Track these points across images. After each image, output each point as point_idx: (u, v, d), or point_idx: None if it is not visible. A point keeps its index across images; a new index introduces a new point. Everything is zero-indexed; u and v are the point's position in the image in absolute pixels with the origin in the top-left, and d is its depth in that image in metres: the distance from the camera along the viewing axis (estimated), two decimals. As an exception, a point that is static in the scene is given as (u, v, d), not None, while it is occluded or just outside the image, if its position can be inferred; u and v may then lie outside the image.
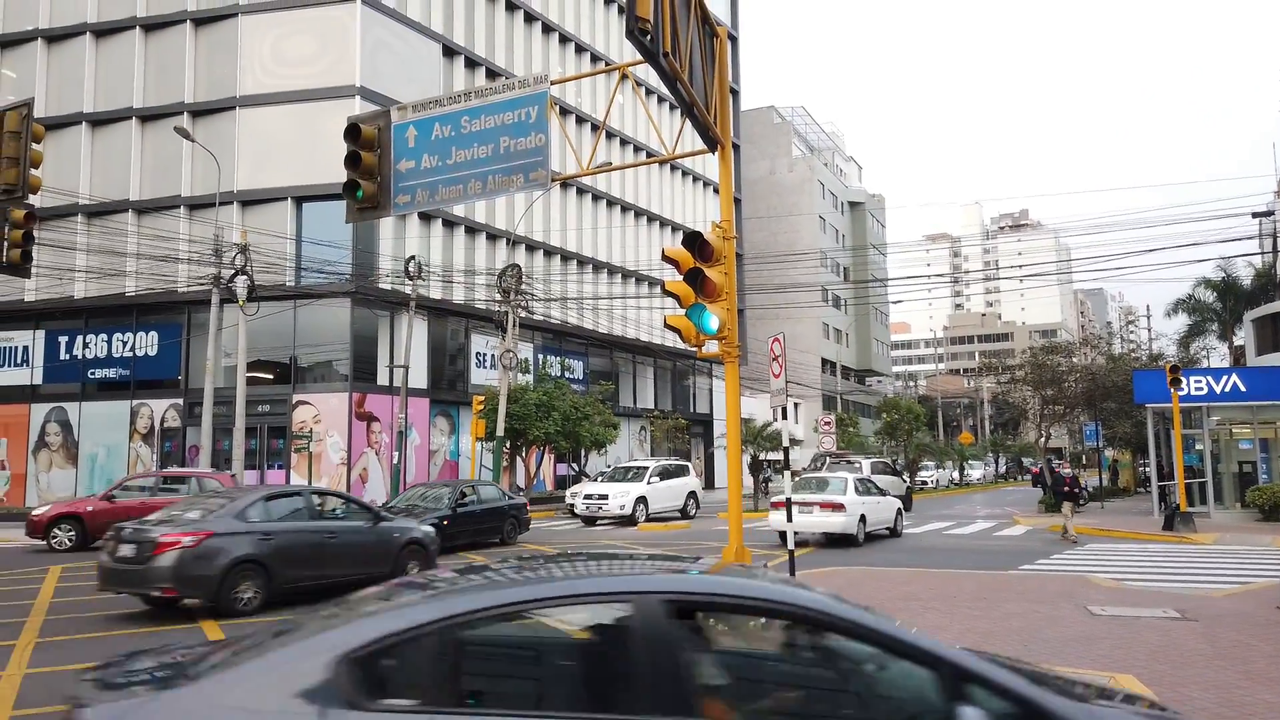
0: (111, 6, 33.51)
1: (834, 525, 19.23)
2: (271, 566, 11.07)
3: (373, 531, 12.79)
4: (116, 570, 10.76)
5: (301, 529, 11.79)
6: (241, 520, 11.07)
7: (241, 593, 10.81)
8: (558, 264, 40.08)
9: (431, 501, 18.76)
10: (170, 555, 10.42)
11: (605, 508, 24.79)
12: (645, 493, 25.17)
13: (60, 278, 31.21)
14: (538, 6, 40.04)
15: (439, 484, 21.35)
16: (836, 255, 74.60)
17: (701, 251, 9.51)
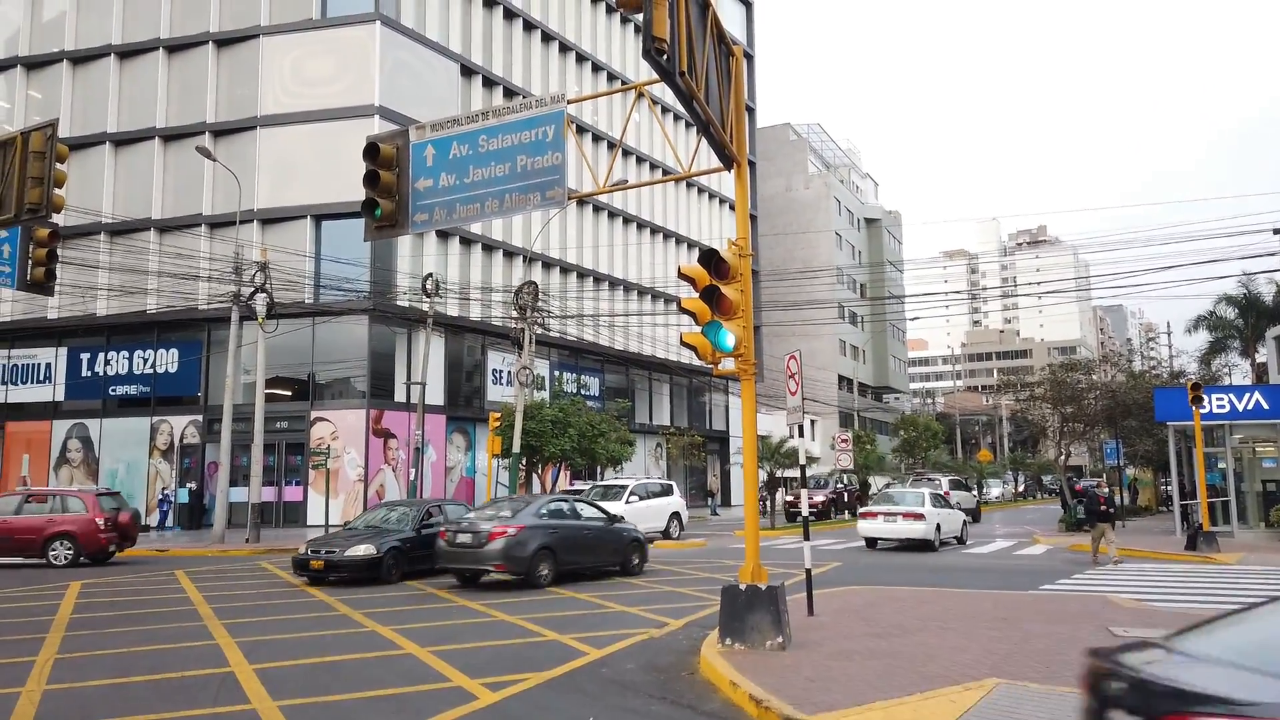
0: (136, 28, 34.05)
1: (915, 532, 22.64)
2: (558, 552, 15.34)
3: (610, 530, 16.80)
4: (456, 551, 15.13)
5: (572, 526, 16.10)
6: (538, 518, 15.40)
7: (541, 570, 14.96)
8: (574, 281, 40.20)
9: (394, 523, 17.16)
10: (499, 541, 14.70)
11: None
12: (625, 512, 22.83)
13: (83, 295, 31.58)
14: (555, 26, 40.38)
15: (403, 503, 19.59)
16: (853, 272, 74.46)
17: (718, 269, 9.50)
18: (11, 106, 35.15)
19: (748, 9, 58.32)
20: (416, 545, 16.31)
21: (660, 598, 13.82)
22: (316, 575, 15.64)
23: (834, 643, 9.59)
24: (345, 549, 15.58)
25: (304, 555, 15.83)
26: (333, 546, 15.77)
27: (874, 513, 23.41)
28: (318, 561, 15.56)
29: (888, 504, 23.57)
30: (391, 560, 15.82)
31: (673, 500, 26.54)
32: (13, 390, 34.09)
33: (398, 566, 15.96)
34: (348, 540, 15.97)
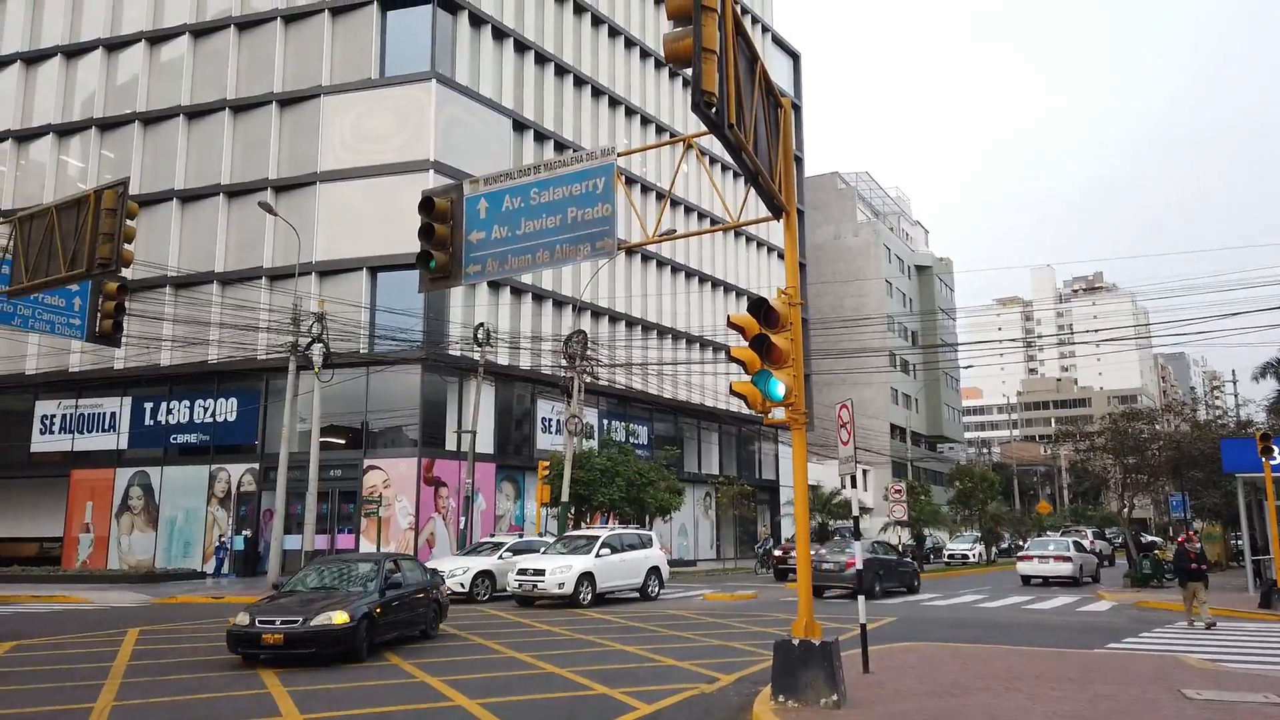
0: (204, 90, 35.48)
1: (1063, 570, 29.57)
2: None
3: None
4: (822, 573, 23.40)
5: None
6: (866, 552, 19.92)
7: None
8: (623, 330, 40.41)
9: (351, 582, 13.64)
10: (853, 569, 18.21)
11: (541, 585, 20.67)
12: (592, 567, 21.28)
13: (148, 347, 32.55)
14: (604, 81, 41.17)
15: (357, 557, 16.18)
16: (904, 320, 73.76)
17: (767, 318, 9.49)
18: (86, 165, 36.72)
19: (794, 60, 58.92)
20: (385, 611, 13.26)
21: (711, 651, 13.59)
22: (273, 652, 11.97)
23: (890, 702, 9.31)
24: (309, 617, 11.99)
25: (248, 628, 11.93)
26: (291, 615, 12.06)
27: (1031, 555, 30.49)
28: (274, 635, 11.77)
29: (1041, 549, 30.78)
30: (364, 631, 12.53)
31: (651, 554, 23.70)
32: (79, 439, 35.09)
33: (369, 638, 12.75)
34: (307, 606, 12.36)
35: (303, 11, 34.35)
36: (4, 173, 37.90)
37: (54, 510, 34.86)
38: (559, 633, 15.77)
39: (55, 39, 37.94)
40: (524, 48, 36.70)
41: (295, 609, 12.25)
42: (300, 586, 13.63)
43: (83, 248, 11.78)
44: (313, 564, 14.84)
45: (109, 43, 37.12)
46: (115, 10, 37.39)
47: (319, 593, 13.25)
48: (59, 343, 32.69)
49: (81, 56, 37.68)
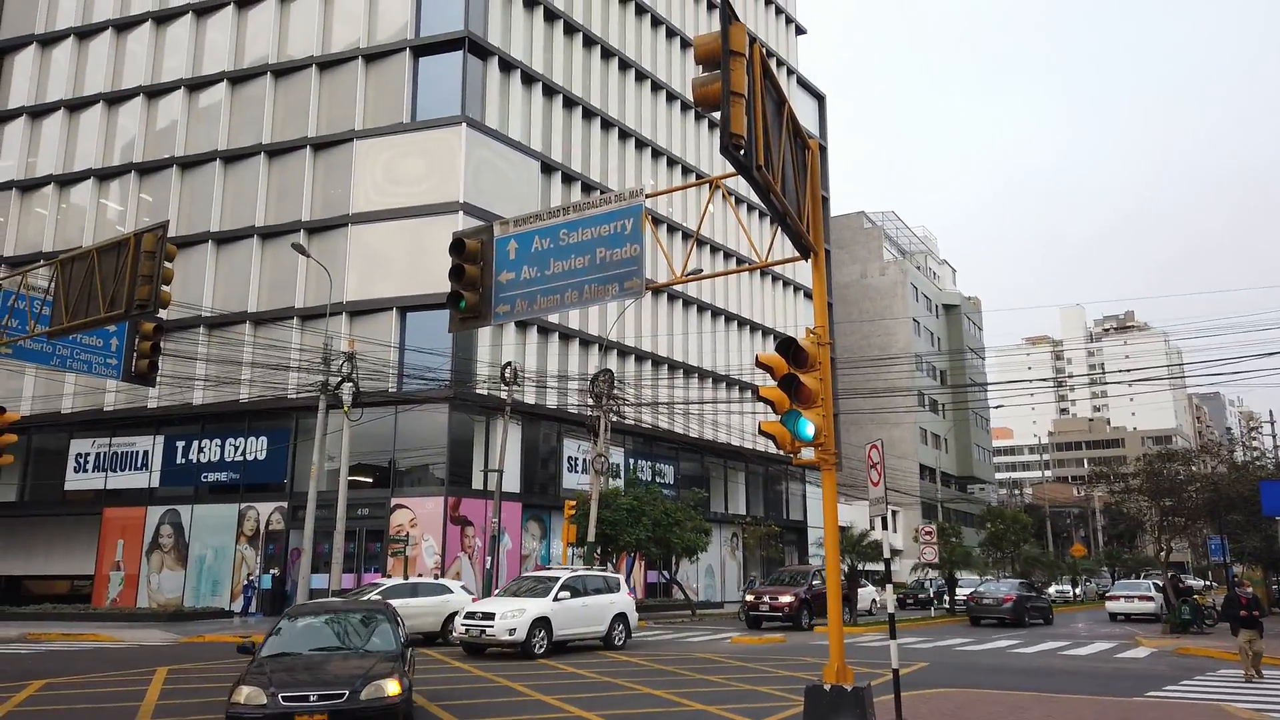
0: (240, 135, 36.31)
1: (1146, 608, 34.59)
2: None
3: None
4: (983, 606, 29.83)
5: None
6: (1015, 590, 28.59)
7: None
8: (649, 369, 40.45)
9: (354, 634, 10.78)
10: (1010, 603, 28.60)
11: (490, 631, 18.33)
12: (548, 612, 18.98)
13: (181, 386, 33.00)
14: (631, 123, 41.67)
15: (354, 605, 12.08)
16: (932, 359, 73.25)
17: (796, 357, 9.47)
18: (124, 209, 37.58)
19: (820, 102, 59.38)
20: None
21: (739, 696, 13.39)
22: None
23: (925, 749, 9.10)
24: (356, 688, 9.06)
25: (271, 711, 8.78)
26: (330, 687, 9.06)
27: (1117, 595, 36.55)
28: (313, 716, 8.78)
29: (1129, 590, 36.72)
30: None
31: (617, 599, 21.20)
32: (112, 477, 35.49)
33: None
34: (338, 673, 9.41)
35: (337, 59, 35.17)
36: (46, 216, 38.86)
37: (86, 548, 35.19)
38: (591, 678, 15.60)
39: (98, 87, 39.06)
40: (552, 91, 37.29)
41: (329, 677, 9.25)
42: (293, 647, 10.34)
43: (122, 289, 12.03)
44: (298, 608, 11.69)
45: (149, 90, 38.15)
46: (156, 59, 38.48)
47: (326, 654, 10.18)
48: (94, 382, 33.24)
49: (123, 103, 38.73)
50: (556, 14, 37.80)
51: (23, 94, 40.47)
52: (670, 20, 45.28)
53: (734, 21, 7.76)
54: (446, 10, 33.89)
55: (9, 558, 36.69)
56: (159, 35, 38.70)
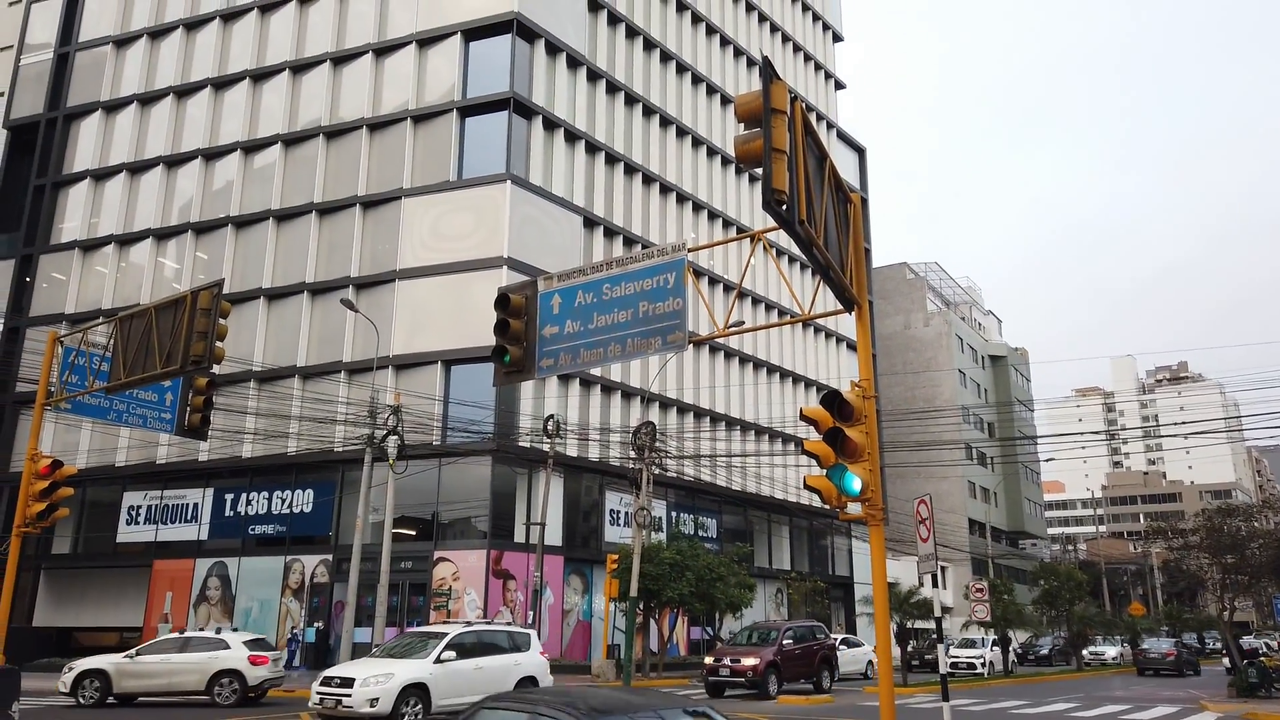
0: (293, 194, 37.37)
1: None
2: None
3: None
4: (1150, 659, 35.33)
5: None
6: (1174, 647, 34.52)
7: None
8: (691, 421, 40.31)
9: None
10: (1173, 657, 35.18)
11: (348, 703, 15.26)
12: (424, 677, 15.88)
13: (231, 439, 33.58)
14: (672, 178, 42.18)
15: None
16: (980, 411, 72.10)
17: (841, 411, 9.40)
18: (180, 266, 38.73)
19: (860, 155, 59.65)
20: None
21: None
22: None
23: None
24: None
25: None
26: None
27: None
28: None
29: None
30: None
31: (525, 660, 17.81)
32: (163, 529, 36.04)
33: None
34: None
35: (387, 120, 36.21)
36: (106, 274, 40.15)
37: (135, 600, 35.63)
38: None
39: (159, 150, 40.57)
40: (595, 148, 37.95)
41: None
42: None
43: (178, 345, 12.36)
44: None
45: (207, 152, 39.53)
46: (214, 122, 39.93)
47: None
48: (148, 436, 33.97)
49: (182, 165, 40.16)
50: (599, 74, 38.63)
51: (87, 158, 42.16)
52: (710, 78, 46.01)
53: (775, 80, 7.88)
54: (492, 72, 34.83)
55: (62, 609, 37.26)
56: (217, 100, 40.20)
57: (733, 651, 24.85)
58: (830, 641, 27.23)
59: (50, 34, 44.85)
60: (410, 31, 36.46)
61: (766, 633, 26.13)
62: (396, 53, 36.77)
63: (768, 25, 51.39)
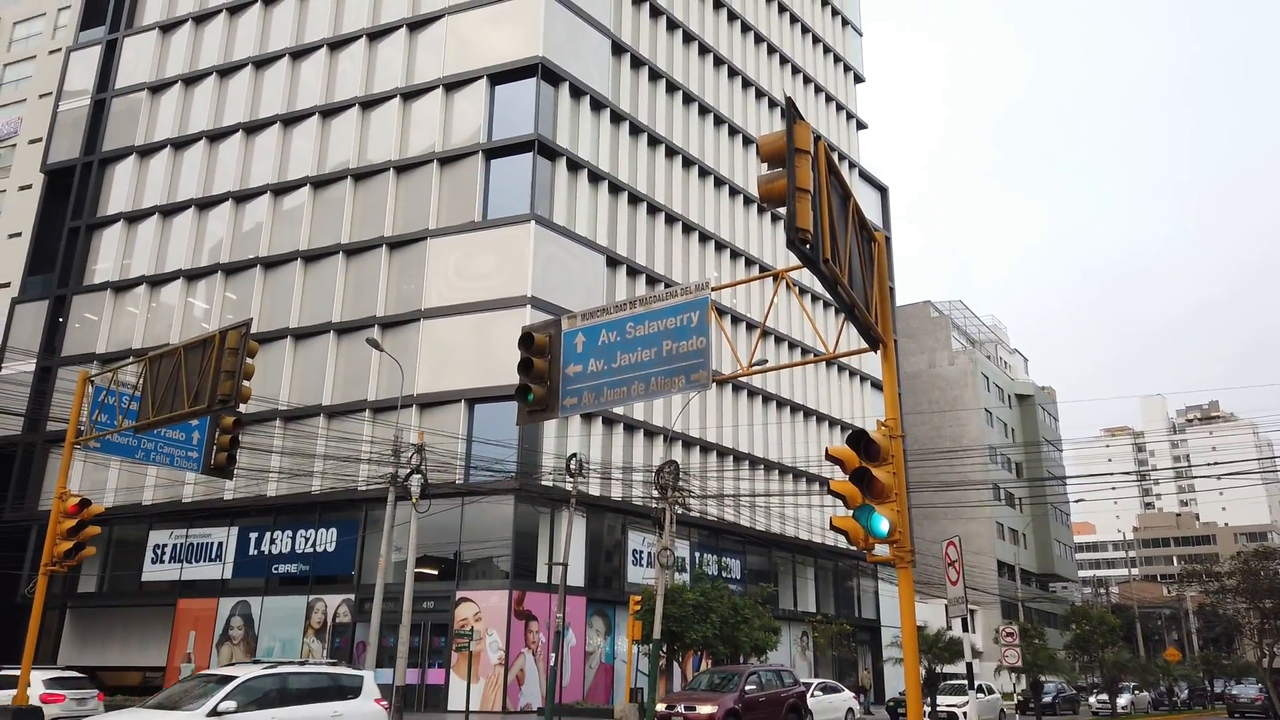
0: (321, 235, 37.91)
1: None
2: None
3: None
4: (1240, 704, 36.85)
5: None
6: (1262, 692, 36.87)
7: None
8: (714, 460, 40.08)
9: None
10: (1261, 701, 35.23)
11: None
12: None
13: (256, 478, 33.76)
14: (695, 218, 42.41)
15: None
16: (1007, 450, 71.21)
17: (867, 451, 9.30)
18: (210, 307, 39.27)
19: (883, 194, 59.76)
20: None
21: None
22: None
23: None
24: None
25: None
26: None
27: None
28: None
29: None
30: None
31: (348, 709, 14.18)
32: (187, 568, 36.16)
33: None
34: None
35: (413, 162, 36.76)
36: (137, 315, 40.78)
37: (159, 639, 35.66)
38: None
39: (191, 193, 41.37)
40: (618, 189, 38.28)
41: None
42: None
43: (205, 385, 12.49)
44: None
45: (238, 195, 40.25)
46: (245, 166, 40.71)
47: None
48: (174, 475, 34.18)
49: (213, 208, 40.89)
50: (622, 116, 39.09)
51: (121, 201, 43.04)
52: (733, 119, 46.41)
53: (798, 120, 7.92)
54: (518, 115, 35.34)
55: (87, 648, 37.35)
56: (248, 144, 41.01)
57: (688, 698, 22.53)
58: (799, 689, 25.38)
59: (88, 81, 46.06)
60: (437, 76, 37.13)
61: (729, 676, 23.99)
62: (424, 97, 37.43)
63: (789, 67, 51.89)
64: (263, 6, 42.37)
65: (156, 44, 44.66)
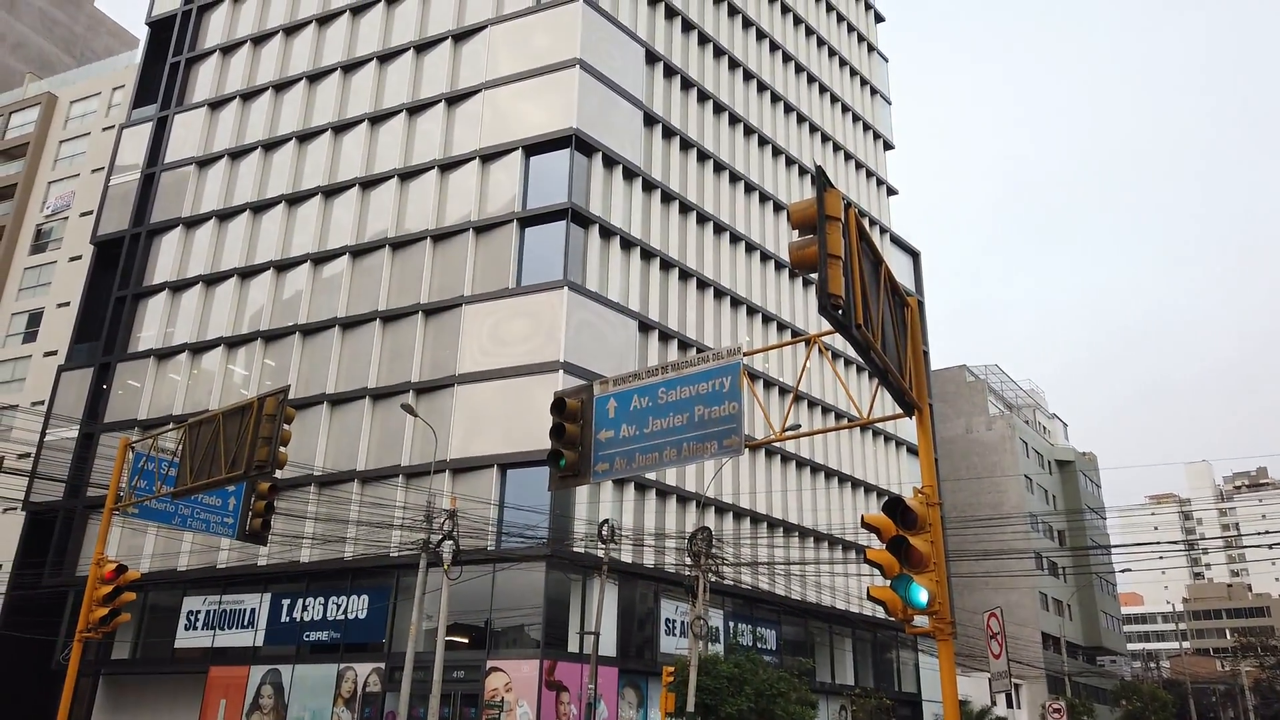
0: (358, 302, 38.56)
1: None
2: None
3: None
4: None
5: None
6: None
7: None
8: (748, 526, 39.56)
9: None
10: None
11: None
12: None
13: (289, 544, 33.83)
14: (726, 283, 42.64)
15: None
16: (1048, 518, 69.60)
17: (904, 518, 9.15)
18: (249, 373, 39.90)
19: (914, 259, 59.79)
20: None
21: None
22: None
23: None
24: None
25: None
26: None
27: None
28: None
29: None
30: None
31: None
32: (220, 635, 36.08)
33: None
34: None
35: (450, 231, 37.48)
36: (178, 381, 41.52)
37: (190, 707, 35.44)
38: None
39: (234, 262, 42.40)
40: (650, 254, 38.67)
41: None
42: None
43: (243, 451, 12.63)
44: None
45: (279, 264, 41.16)
46: (287, 236, 41.72)
47: None
48: (209, 540, 34.39)
49: (254, 277, 41.83)
50: (654, 184, 39.69)
51: (167, 271, 44.20)
52: (763, 186, 46.94)
53: (829, 188, 8.00)
54: (552, 184, 36.01)
55: (119, 717, 37.21)
56: (290, 215, 42.10)
57: None
58: None
59: (139, 156, 47.74)
60: (474, 148, 38.05)
61: None
62: (461, 168, 38.32)
63: (819, 135, 52.57)
64: (307, 84, 43.89)
65: (205, 120, 46.32)
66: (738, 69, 47.13)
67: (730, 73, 46.64)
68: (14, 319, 52.31)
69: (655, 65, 41.41)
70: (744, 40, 48.32)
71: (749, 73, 47.82)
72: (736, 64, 47.06)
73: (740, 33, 48.16)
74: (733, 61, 46.85)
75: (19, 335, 51.65)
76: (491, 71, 38.90)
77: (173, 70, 48.58)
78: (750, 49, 48.66)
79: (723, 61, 46.15)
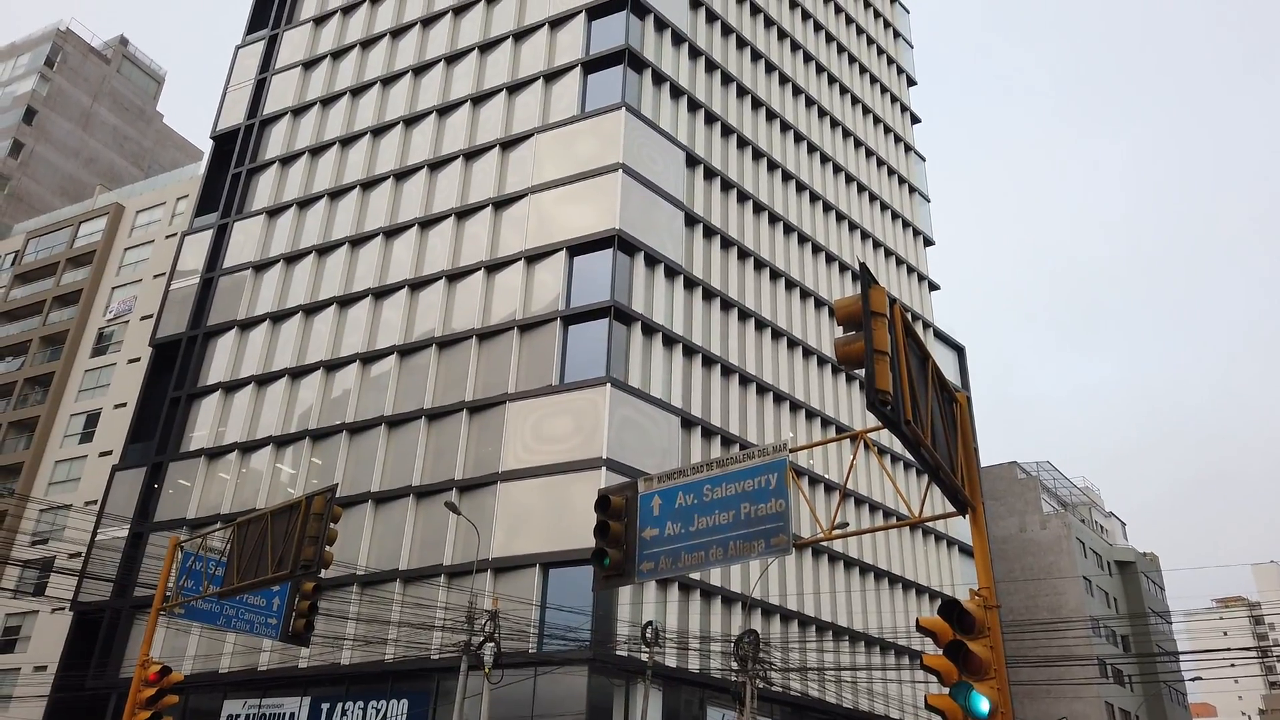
0: (405, 400, 39.05)
1: None
2: None
3: None
4: None
5: None
6: None
7: None
8: (796, 629, 38.38)
9: None
10: None
11: None
12: None
13: (330, 645, 33.47)
14: (769, 379, 42.54)
15: None
16: (1110, 623, 66.63)
17: (961, 622, 8.82)
18: (296, 472, 40.30)
19: (959, 354, 59.31)
20: None
21: None
22: None
23: None
24: None
25: None
26: None
27: None
28: None
29: None
30: None
31: None
32: (257, 738, 35.48)
33: None
34: None
35: (495, 330, 38.09)
36: (227, 480, 42.04)
37: (224, 815, 34.63)
38: None
39: (285, 363, 43.37)
40: (692, 351, 38.84)
41: None
42: None
43: (290, 550, 12.66)
44: None
45: (329, 364, 42.01)
46: (337, 337, 42.70)
47: None
48: (252, 641, 34.18)
49: (305, 376, 42.69)
50: (695, 282, 40.17)
51: (221, 371, 45.31)
52: (804, 283, 47.25)
53: (874, 285, 8.03)
54: (595, 283, 36.62)
55: (151, 823, 36.41)
56: (341, 316, 43.16)
57: None
58: None
59: (198, 262, 49.62)
60: (519, 249, 38.98)
61: None
62: (506, 268, 39.20)
63: (858, 233, 53.06)
64: (360, 191, 45.59)
65: (263, 227, 48.15)
66: (777, 170, 48.08)
67: (770, 174, 47.57)
68: (72, 419, 53.75)
69: (696, 168, 42.42)
70: (782, 143, 49.42)
71: (788, 173, 48.75)
72: (775, 165, 48.03)
73: (779, 136, 49.32)
74: (772, 163, 47.84)
75: (75, 436, 52.97)
76: (537, 176, 40.14)
77: (234, 180, 50.84)
78: (789, 151, 49.72)
79: (762, 163, 47.15)
